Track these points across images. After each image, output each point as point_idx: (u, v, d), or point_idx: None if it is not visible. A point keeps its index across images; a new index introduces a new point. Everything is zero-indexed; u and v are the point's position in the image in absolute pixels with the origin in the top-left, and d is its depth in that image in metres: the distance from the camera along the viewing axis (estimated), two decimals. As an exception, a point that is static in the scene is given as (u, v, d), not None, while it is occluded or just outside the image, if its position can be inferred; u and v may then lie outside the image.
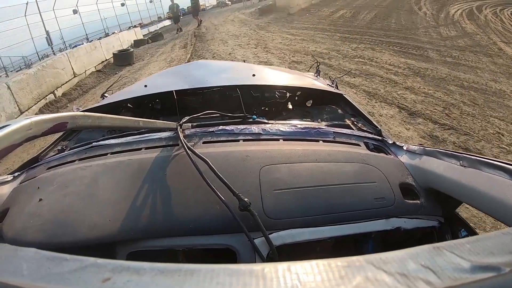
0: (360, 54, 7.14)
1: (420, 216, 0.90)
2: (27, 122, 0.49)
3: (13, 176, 1.12)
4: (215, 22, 17.18)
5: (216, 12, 27.30)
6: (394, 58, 6.59)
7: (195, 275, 0.26)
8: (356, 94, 4.86)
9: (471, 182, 0.77)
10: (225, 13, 22.04)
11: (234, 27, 14.00)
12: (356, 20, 11.61)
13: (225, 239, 0.81)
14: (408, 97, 4.57)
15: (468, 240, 0.30)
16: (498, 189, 0.69)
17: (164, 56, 10.43)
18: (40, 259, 0.29)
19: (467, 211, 2.32)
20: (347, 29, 10.26)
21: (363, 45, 7.97)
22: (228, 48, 9.40)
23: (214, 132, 1.15)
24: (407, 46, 7.48)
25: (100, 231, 0.79)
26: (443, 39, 7.95)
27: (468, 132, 3.51)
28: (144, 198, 0.87)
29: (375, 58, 6.71)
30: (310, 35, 9.81)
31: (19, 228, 0.83)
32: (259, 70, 2.03)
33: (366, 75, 5.71)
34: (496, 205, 0.69)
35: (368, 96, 4.77)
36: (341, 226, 0.84)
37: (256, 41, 9.92)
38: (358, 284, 0.25)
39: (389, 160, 1.04)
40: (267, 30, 11.85)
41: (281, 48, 8.56)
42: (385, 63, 6.31)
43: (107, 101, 1.79)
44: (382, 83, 5.26)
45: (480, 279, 0.24)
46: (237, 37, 11.25)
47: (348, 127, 1.32)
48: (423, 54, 6.81)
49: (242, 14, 18.60)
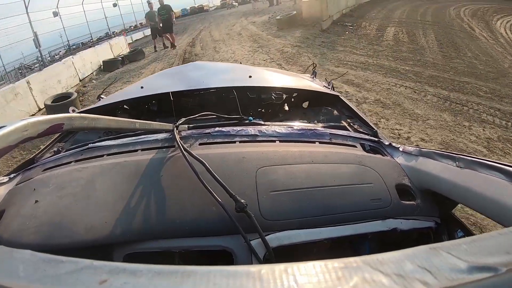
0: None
1: (417, 217, 0.90)
2: (23, 124, 0.48)
3: (8, 178, 1.11)
4: (216, 35, 12.79)
5: (218, 15, 22.64)
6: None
7: (192, 277, 0.26)
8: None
9: (467, 183, 0.77)
10: (230, 19, 17.51)
11: (243, 49, 9.20)
12: (422, 50, 7.93)
13: (221, 241, 0.80)
14: None
15: (464, 240, 0.30)
16: (494, 190, 0.69)
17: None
18: (36, 261, 0.29)
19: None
20: (429, 71, 6.40)
21: (492, 128, 4.20)
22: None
23: (210, 133, 1.15)
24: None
25: (96, 233, 0.79)
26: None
27: None
28: (141, 199, 0.87)
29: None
30: (384, 89, 5.45)
31: (15, 230, 0.82)
32: (256, 71, 2.03)
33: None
34: (492, 205, 0.69)
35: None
36: (337, 227, 0.84)
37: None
38: (355, 285, 0.25)
39: (385, 161, 1.05)
40: (301, 65, 6.60)
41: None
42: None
43: (103, 103, 1.78)
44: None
45: (477, 280, 0.25)
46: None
47: (345, 128, 1.32)
48: None
49: (252, 25, 13.63)
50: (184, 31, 17.05)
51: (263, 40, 10.03)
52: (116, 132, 1.37)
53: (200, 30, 15.86)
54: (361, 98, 5.08)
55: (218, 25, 16.52)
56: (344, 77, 5.77)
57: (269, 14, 16.06)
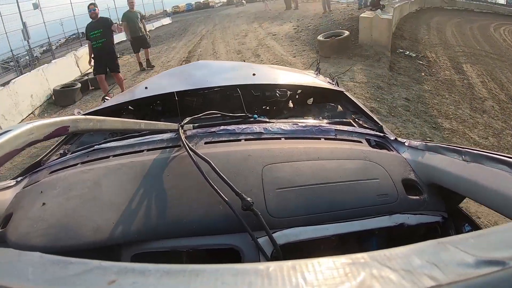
0: None
1: (424, 212, 0.89)
2: (29, 127, 0.49)
3: (16, 181, 1.12)
4: (221, 51, 9.22)
5: (224, 14, 18.57)
6: None
7: (200, 275, 0.26)
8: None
9: (473, 177, 0.76)
10: (239, 23, 13.80)
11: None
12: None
13: (228, 239, 0.81)
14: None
15: (472, 235, 0.30)
16: (501, 183, 0.68)
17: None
18: (45, 263, 0.29)
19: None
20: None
21: None
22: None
23: (215, 132, 1.15)
24: None
25: (104, 233, 0.80)
26: None
27: None
28: (147, 199, 0.87)
29: None
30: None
31: (23, 232, 0.83)
32: (260, 69, 2.03)
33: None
34: (499, 199, 0.69)
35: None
36: (344, 223, 0.84)
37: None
38: (363, 281, 0.25)
39: (391, 156, 1.04)
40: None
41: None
42: None
43: (108, 104, 1.79)
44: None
45: (485, 274, 0.24)
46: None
47: (350, 124, 1.31)
48: None
49: (273, 39, 9.60)
50: (182, 34, 13.79)
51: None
52: (121, 133, 1.38)
53: (201, 37, 12.23)
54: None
55: (224, 30, 12.90)
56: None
57: (290, 21, 11.95)
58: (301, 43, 8.69)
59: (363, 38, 7.38)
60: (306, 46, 8.31)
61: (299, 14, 13.97)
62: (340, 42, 7.09)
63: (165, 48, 10.99)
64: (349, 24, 8.84)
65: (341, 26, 8.71)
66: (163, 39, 13.34)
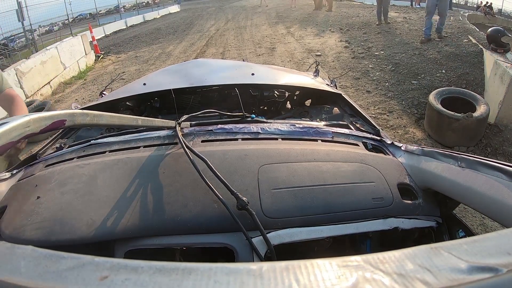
0: None
1: (418, 217, 0.90)
2: (25, 120, 0.48)
3: (11, 174, 1.11)
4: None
5: (238, 7, 15.35)
6: None
7: (193, 273, 0.26)
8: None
9: (468, 183, 0.77)
10: (258, 22, 11.29)
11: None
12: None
13: (223, 238, 0.81)
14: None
15: (465, 240, 0.30)
16: (496, 190, 0.69)
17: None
18: (37, 257, 0.29)
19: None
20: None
21: None
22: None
23: (212, 130, 1.15)
24: None
25: (98, 229, 0.79)
26: None
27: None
28: (142, 196, 0.87)
29: None
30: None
31: (17, 226, 0.83)
32: (258, 69, 2.03)
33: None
34: (493, 206, 0.69)
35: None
36: (339, 225, 0.84)
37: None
38: (356, 284, 0.25)
39: (387, 160, 1.04)
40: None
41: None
42: None
43: (105, 99, 1.78)
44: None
45: (477, 280, 0.24)
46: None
47: (347, 126, 1.32)
48: None
49: (320, 65, 2.76)
50: (186, 31, 11.35)
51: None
52: (118, 129, 1.37)
53: (208, 39, 9.47)
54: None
55: (239, 33, 9.88)
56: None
57: (331, 30, 8.60)
58: (372, 83, 4.62)
59: (506, 112, 3.65)
60: (384, 95, 4.27)
61: (336, 19, 10.28)
62: (479, 124, 3.39)
63: (158, 53, 8.48)
64: (447, 63, 4.92)
65: (438, 64, 4.94)
66: (161, 35, 11.24)
